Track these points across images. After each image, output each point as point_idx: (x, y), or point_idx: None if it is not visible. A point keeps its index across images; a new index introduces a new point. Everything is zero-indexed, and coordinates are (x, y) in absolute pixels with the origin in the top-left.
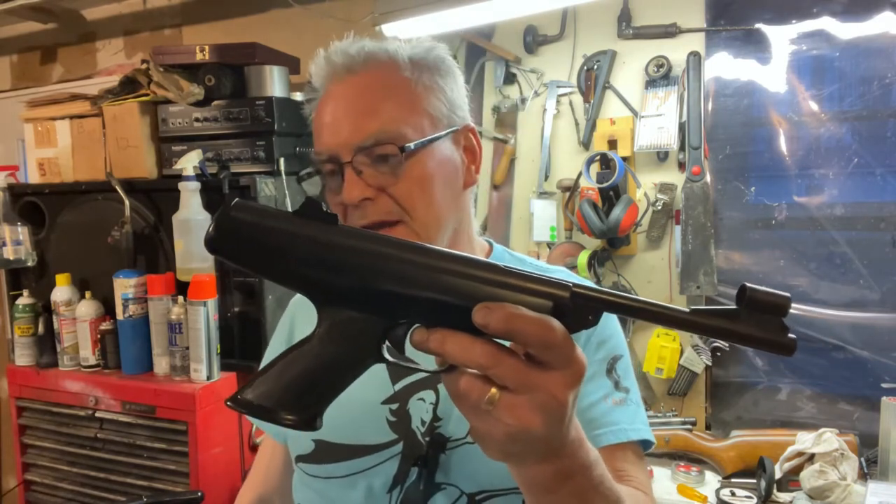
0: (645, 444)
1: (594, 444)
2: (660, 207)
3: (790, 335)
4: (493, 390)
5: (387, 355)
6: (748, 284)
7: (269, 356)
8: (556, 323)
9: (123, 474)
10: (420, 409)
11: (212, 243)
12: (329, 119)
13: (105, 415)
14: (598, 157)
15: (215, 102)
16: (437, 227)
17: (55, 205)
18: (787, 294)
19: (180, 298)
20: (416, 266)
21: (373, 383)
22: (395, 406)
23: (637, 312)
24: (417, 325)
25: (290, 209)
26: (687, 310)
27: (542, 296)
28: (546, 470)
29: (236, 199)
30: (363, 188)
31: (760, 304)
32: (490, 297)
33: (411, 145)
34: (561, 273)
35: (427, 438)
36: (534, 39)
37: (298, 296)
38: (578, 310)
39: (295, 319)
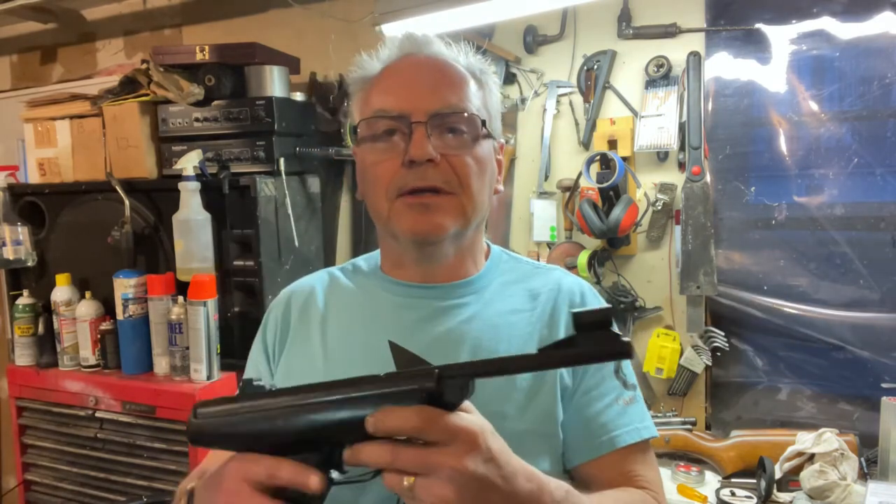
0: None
1: (611, 446)
2: (660, 207)
3: (623, 339)
4: (408, 479)
5: (334, 476)
6: (574, 310)
7: (252, 358)
8: (419, 410)
9: (123, 474)
10: None
11: (190, 437)
12: (403, 82)
13: (105, 415)
14: (598, 157)
15: (215, 102)
16: (480, 211)
17: (55, 205)
18: (608, 306)
19: (180, 298)
20: (319, 406)
21: None
22: None
23: (496, 370)
24: (346, 446)
25: (289, 210)
26: (534, 352)
27: (411, 392)
28: None
29: (198, 403)
30: (432, 149)
31: (587, 324)
32: (376, 407)
33: (487, 127)
34: (557, 272)
35: None
36: (534, 39)
37: (290, 289)
38: (448, 389)
39: (288, 315)
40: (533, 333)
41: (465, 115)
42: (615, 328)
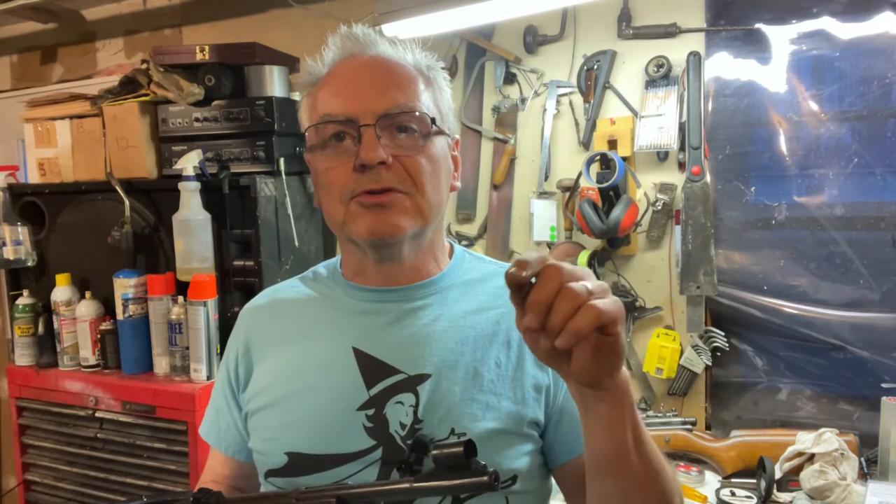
0: None
1: None
2: (660, 207)
3: (483, 477)
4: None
5: None
6: (433, 453)
7: (220, 378)
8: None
9: (123, 474)
10: (399, 412)
11: None
12: (349, 84)
13: (105, 415)
14: (598, 157)
15: (215, 102)
16: (437, 211)
17: (55, 205)
18: (465, 440)
19: (180, 298)
20: None
21: (346, 390)
22: (371, 411)
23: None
24: None
25: (289, 210)
26: (407, 485)
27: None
28: (624, 385)
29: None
30: (383, 151)
31: (446, 465)
32: None
33: (437, 124)
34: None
35: (408, 442)
36: (534, 39)
37: (251, 305)
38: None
39: (250, 335)
40: (498, 333)
41: (415, 113)
42: (475, 463)
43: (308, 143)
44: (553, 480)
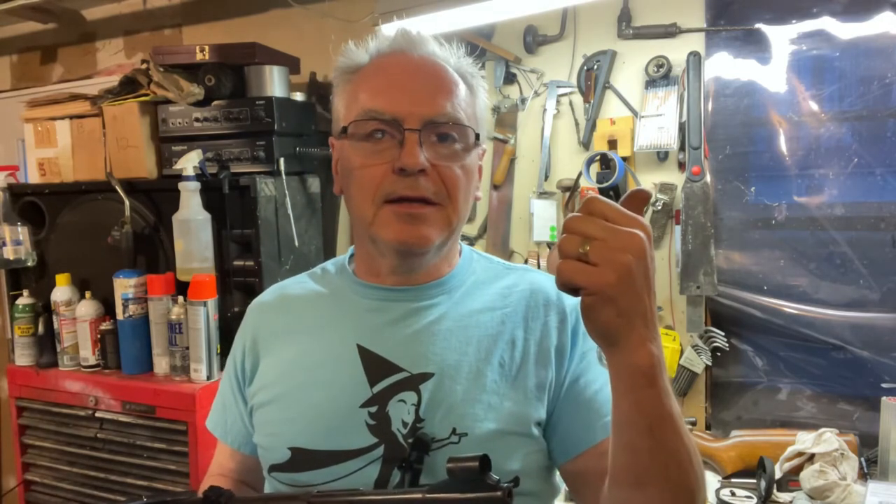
0: None
1: (605, 432)
2: (660, 207)
3: (497, 493)
4: (584, 247)
5: None
6: (448, 465)
7: (227, 372)
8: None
9: (123, 474)
10: (401, 410)
11: None
12: (397, 83)
13: (105, 415)
14: (598, 157)
15: (215, 102)
16: (462, 222)
17: (55, 205)
18: (481, 455)
19: (180, 298)
20: None
21: (350, 387)
22: (373, 409)
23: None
24: None
25: (289, 210)
26: (419, 495)
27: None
28: (646, 346)
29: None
30: (424, 158)
31: (461, 478)
32: None
33: (480, 139)
34: (531, 273)
35: (410, 440)
36: (534, 39)
37: (259, 300)
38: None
39: (257, 330)
40: (503, 332)
41: (461, 125)
42: (489, 477)
43: (341, 130)
44: (558, 481)
